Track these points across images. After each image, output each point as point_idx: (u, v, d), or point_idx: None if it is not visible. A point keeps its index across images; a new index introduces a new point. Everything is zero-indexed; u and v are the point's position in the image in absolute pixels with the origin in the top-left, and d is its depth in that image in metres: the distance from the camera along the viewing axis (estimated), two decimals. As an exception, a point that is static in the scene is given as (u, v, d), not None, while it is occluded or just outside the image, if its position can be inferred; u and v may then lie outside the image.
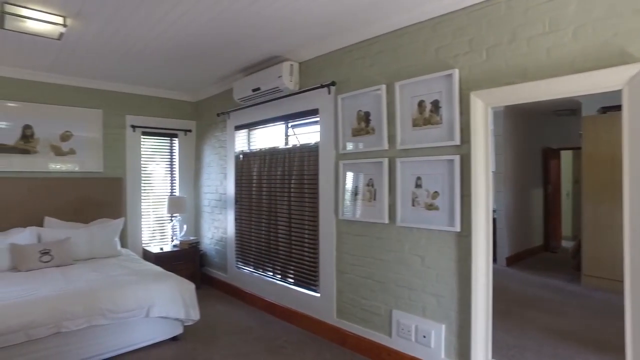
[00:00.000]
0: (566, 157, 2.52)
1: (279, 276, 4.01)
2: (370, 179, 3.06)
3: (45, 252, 3.75)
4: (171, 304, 3.23)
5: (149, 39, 3.29)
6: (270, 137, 4.35)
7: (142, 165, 5.09)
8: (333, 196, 3.37)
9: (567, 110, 2.33)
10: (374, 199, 3.03)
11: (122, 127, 4.90)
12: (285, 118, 3.97)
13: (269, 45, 3.46)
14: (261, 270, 4.25)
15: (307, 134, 3.88)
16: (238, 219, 4.58)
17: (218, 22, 2.97)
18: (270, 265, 4.12)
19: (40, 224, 4.20)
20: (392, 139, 2.90)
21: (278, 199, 3.99)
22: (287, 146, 3.95)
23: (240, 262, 4.57)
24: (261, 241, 4.23)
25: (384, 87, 2.93)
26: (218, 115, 4.82)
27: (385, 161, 2.92)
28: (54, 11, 2.73)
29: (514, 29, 2.28)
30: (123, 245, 4.68)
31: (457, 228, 2.50)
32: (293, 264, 3.84)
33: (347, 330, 3.26)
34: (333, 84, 3.36)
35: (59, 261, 3.79)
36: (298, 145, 3.82)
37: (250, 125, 4.44)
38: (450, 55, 2.57)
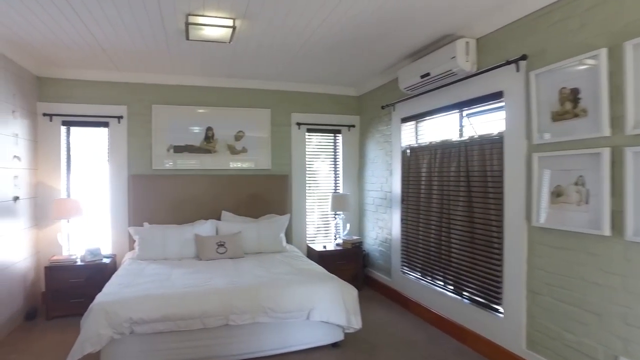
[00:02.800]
0: None
1: (451, 287, 3.48)
2: (580, 176, 2.32)
3: (221, 244, 4.00)
4: (332, 309, 3.04)
5: (307, 34, 3.26)
6: (441, 128, 3.82)
7: (307, 162, 5.13)
8: (524, 197, 2.71)
9: None
10: (586, 203, 2.28)
11: (288, 125, 5.01)
12: (460, 106, 3.41)
13: (437, 23, 3.01)
14: (429, 278, 3.79)
15: (487, 123, 3.25)
16: (404, 220, 4.21)
17: (375, 7, 2.72)
18: (441, 274, 3.62)
19: (218, 217, 4.55)
20: (616, 121, 2.12)
21: (451, 199, 3.47)
22: (462, 138, 3.39)
23: (406, 266, 4.19)
24: (430, 245, 3.76)
25: (603, 51, 2.16)
26: (382, 108, 4.52)
27: (606, 152, 2.16)
28: (225, 15, 2.90)
29: None
30: (288, 241, 4.77)
31: None
32: (469, 275, 3.27)
33: (543, 367, 2.57)
34: (523, 57, 2.70)
35: (232, 254, 4.01)
36: (476, 136, 3.23)
37: (418, 117, 4.01)
38: None
